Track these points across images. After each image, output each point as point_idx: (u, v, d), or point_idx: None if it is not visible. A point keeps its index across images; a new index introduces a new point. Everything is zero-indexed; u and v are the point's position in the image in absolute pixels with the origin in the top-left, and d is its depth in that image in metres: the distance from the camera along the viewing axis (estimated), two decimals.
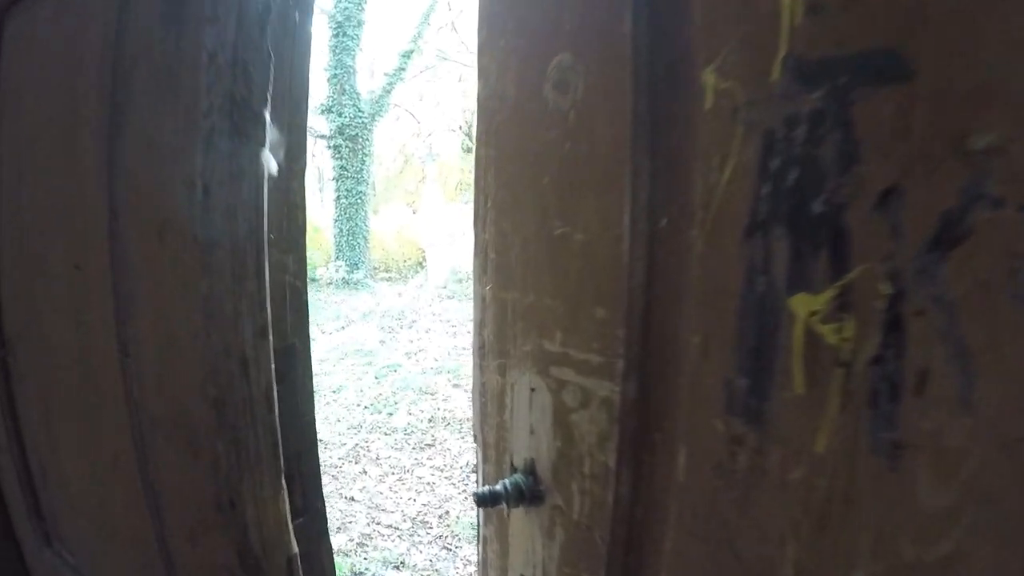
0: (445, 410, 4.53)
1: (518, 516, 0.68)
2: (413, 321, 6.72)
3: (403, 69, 9.69)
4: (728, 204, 0.49)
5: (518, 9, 0.60)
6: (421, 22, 9.95)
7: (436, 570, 2.87)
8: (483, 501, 0.65)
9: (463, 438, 4.14)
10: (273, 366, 0.47)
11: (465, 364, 5.32)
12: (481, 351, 0.66)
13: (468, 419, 4.34)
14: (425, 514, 3.32)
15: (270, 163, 0.45)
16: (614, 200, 0.52)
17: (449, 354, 5.69)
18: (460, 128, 13.77)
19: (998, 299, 0.39)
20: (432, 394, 4.80)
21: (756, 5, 0.46)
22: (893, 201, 0.42)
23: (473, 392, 0.70)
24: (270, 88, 0.46)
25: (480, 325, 0.65)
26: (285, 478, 0.56)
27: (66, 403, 0.74)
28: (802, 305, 0.47)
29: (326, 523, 0.74)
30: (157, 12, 0.49)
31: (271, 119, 0.45)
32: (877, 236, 0.43)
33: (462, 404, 4.57)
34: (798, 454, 0.47)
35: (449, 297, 7.68)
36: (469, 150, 14.30)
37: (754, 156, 0.47)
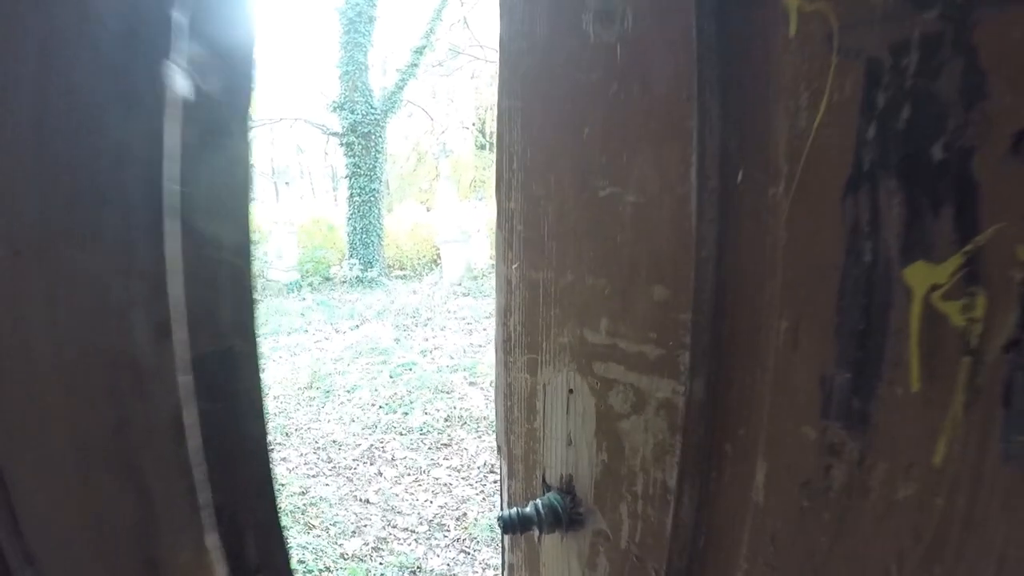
0: (461, 409, 4.44)
1: (552, 542, 0.57)
2: (428, 319, 6.62)
3: (416, 65, 9.60)
4: (822, 153, 0.39)
5: None
6: (433, 18, 9.86)
7: (454, 575, 2.78)
8: (510, 526, 0.54)
9: (480, 437, 4.05)
10: (178, 378, 0.34)
11: (482, 361, 5.22)
12: (506, 345, 0.56)
13: (485, 418, 4.25)
14: (442, 516, 3.23)
15: (177, 81, 0.33)
16: (676, 152, 0.41)
17: (465, 352, 5.60)
18: (473, 125, 13.64)
19: None
20: (448, 392, 4.71)
21: None
22: None
23: (496, 394, 0.60)
24: None
25: (505, 313, 0.55)
26: (232, 528, 0.42)
27: (17, 411, 0.64)
28: (921, 277, 0.38)
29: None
30: None
31: (194, 31, 0.33)
32: (1013, 188, 0.35)
33: (479, 402, 4.48)
34: (911, 467, 0.39)
35: (464, 294, 7.58)
36: (483, 147, 14.24)
37: (854, 92, 0.39)
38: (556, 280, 0.50)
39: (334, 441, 4.09)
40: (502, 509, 0.62)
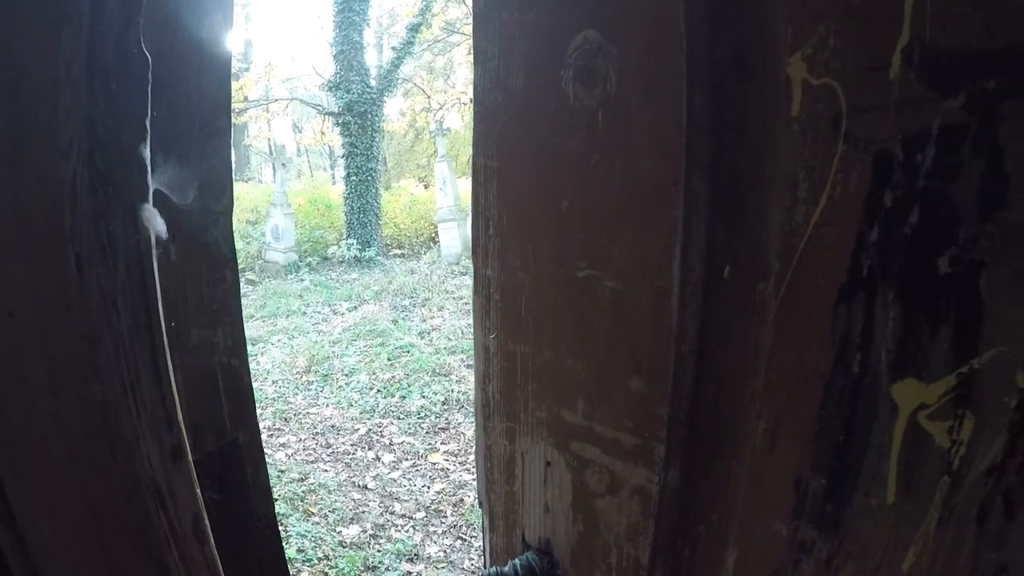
0: (459, 392, 4.44)
1: None
2: (426, 299, 6.59)
3: (411, 43, 9.40)
4: (818, 253, 0.36)
5: None
6: None
7: (451, 562, 2.81)
8: None
9: None
10: (196, 483, 0.34)
11: None
12: (485, 410, 0.53)
13: None
14: (439, 502, 3.26)
15: (155, 223, 0.31)
16: (660, 239, 0.38)
17: (463, 333, 5.58)
18: (471, 101, 13.38)
19: None
20: (446, 375, 4.71)
21: None
22: None
23: (476, 452, 0.58)
24: (148, 111, 0.31)
25: (484, 379, 0.52)
26: None
27: (26, 457, 0.62)
28: (909, 395, 0.36)
29: None
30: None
31: (168, 152, 0.31)
32: (1022, 311, 0.32)
33: None
34: (878, 571, 0.39)
35: (462, 273, 7.53)
36: None
37: (859, 187, 0.35)
38: (534, 355, 0.47)
39: (332, 426, 4.10)
40: (485, 566, 0.61)
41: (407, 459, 3.73)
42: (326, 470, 3.58)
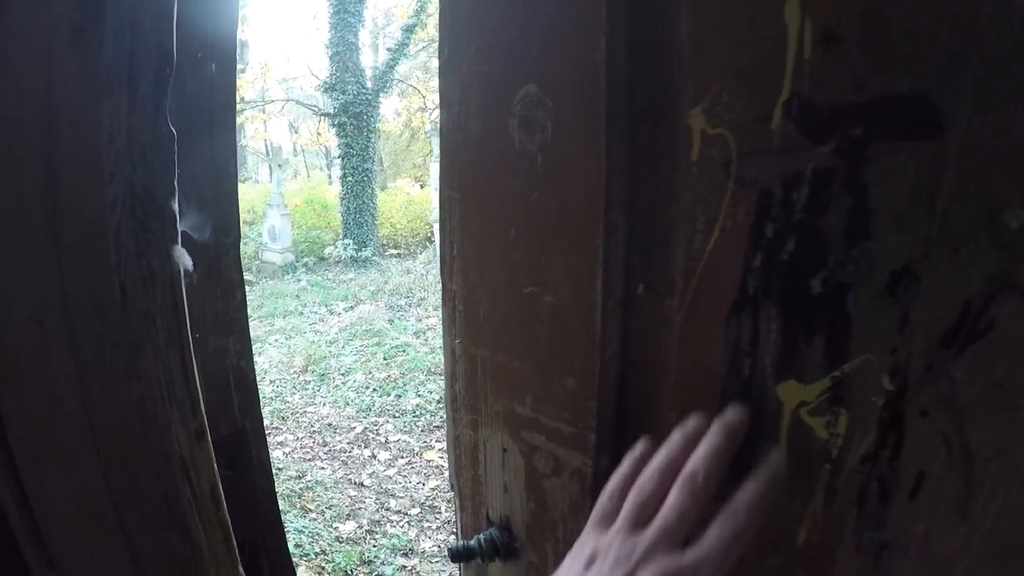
0: None
1: (495, 567, 0.65)
2: (422, 299, 6.67)
3: (406, 44, 9.47)
4: (713, 275, 0.43)
5: (481, 28, 0.53)
6: None
7: (444, 557, 2.89)
8: (457, 556, 0.62)
9: None
10: (214, 460, 0.43)
11: None
12: (453, 404, 0.61)
13: None
14: (434, 499, 3.34)
15: (185, 261, 0.40)
16: (586, 262, 0.46)
17: None
18: None
19: (1016, 405, 0.34)
20: (441, 374, 4.79)
21: (754, 31, 0.39)
22: (906, 285, 0.36)
23: (448, 440, 0.66)
24: (175, 175, 0.40)
25: (452, 377, 0.60)
26: (251, 553, 0.52)
27: (47, 452, 0.71)
28: (791, 394, 0.42)
29: None
30: (71, 65, 0.43)
31: (189, 200, 0.40)
32: (883, 324, 0.38)
33: None
34: (776, 543, 0.45)
35: None
36: None
37: (746, 220, 0.41)
38: (491, 358, 0.55)
39: (329, 425, 4.18)
40: (456, 539, 0.69)
41: (402, 457, 3.81)
42: (323, 468, 3.66)
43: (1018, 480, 0.35)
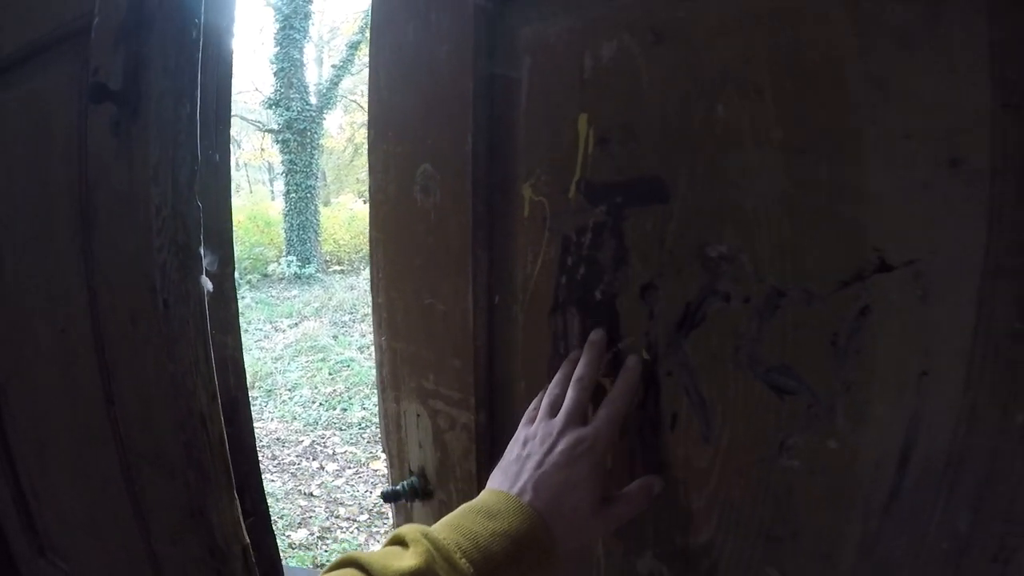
0: None
1: (418, 508, 0.88)
2: (365, 315, 6.82)
3: (351, 60, 9.63)
4: (539, 289, 0.67)
5: (395, 121, 0.78)
6: (369, 11, 9.84)
7: None
8: (388, 498, 0.85)
9: None
10: (222, 417, 0.67)
11: None
12: (382, 386, 0.85)
13: None
14: (381, 505, 3.50)
15: (207, 284, 0.64)
16: (463, 282, 0.71)
17: None
18: None
19: (725, 366, 0.54)
20: None
21: (561, 136, 0.63)
22: (650, 293, 0.57)
23: (380, 416, 0.89)
24: (201, 232, 0.64)
25: (380, 366, 0.85)
26: (237, 491, 0.75)
27: (57, 437, 0.92)
28: None
29: (270, 521, 0.95)
30: (110, 146, 0.66)
31: (205, 247, 0.64)
32: (639, 318, 0.58)
33: None
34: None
35: None
36: None
37: (556, 255, 0.63)
38: (406, 349, 0.80)
39: (278, 439, 4.29)
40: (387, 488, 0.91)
41: (350, 467, 3.96)
42: (273, 480, 3.77)
43: (737, 415, 0.54)
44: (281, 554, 2.91)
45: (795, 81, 0.50)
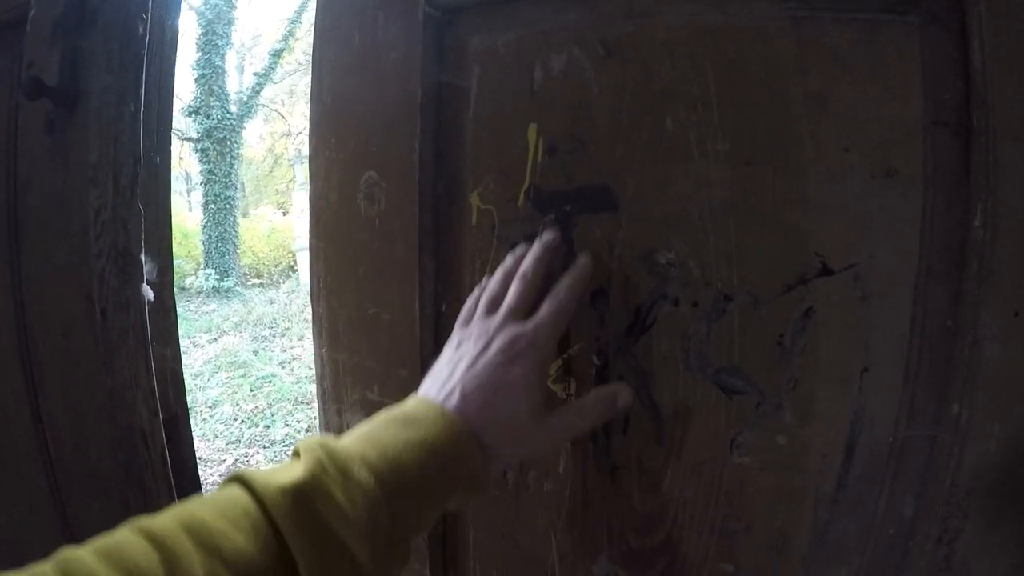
0: None
1: None
2: (286, 329, 6.51)
3: (273, 68, 9.25)
4: None
5: (338, 128, 0.73)
6: (293, 19, 9.53)
7: None
8: None
9: None
10: (164, 433, 0.61)
11: None
12: (323, 398, 0.79)
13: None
14: None
15: (148, 293, 0.57)
16: (408, 290, 0.67)
17: None
18: None
19: (675, 368, 0.54)
20: (308, 403, 4.74)
21: (510, 145, 0.61)
22: (601, 299, 0.56)
23: (320, 429, 0.83)
24: (143, 237, 0.58)
25: (321, 378, 0.79)
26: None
27: None
28: None
29: None
30: (44, 145, 0.58)
31: (144, 254, 0.57)
32: (589, 324, 0.57)
33: None
34: (547, 473, 0.62)
35: None
36: None
37: (493, 263, 0.61)
38: (348, 360, 0.74)
39: (200, 458, 3.97)
40: None
41: None
42: None
43: (690, 417, 0.54)
44: None
45: (740, 96, 0.51)
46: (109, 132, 0.58)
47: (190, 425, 0.74)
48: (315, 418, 4.64)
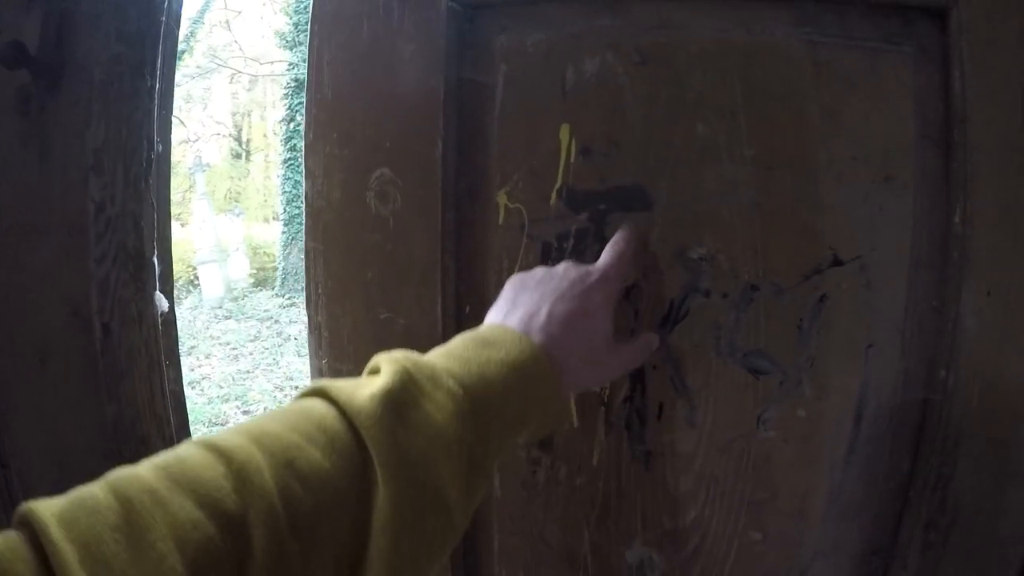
0: None
1: None
2: (192, 347, 5.81)
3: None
4: None
5: (342, 122, 0.67)
6: (195, 19, 8.60)
7: None
8: None
9: None
10: None
11: (252, 388, 4.87)
12: None
13: None
14: None
15: (162, 303, 0.48)
16: (428, 292, 0.64)
17: (234, 379, 5.08)
18: (230, 134, 12.22)
19: (707, 356, 0.57)
20: (222, 424, 4.28)
21: (540, 145, 0.61)
22: (636, 293, 0.58)
23: None
24: (155, 235, 0.49)
25: None
26: None
27: None
28: None
29: None
30: (13, 127, 0.46)
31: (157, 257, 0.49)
32: (624, 317, 0.58)
33: None
34: (580, 467, 0.61)
35: (226, 317, 6.78)
36: (239, 156, 12.80)
37: (535, 261, 0.61)
38: (354, 371, 0.69)
39: None
40: None
41: None
42: None
43: (720, 399, 0.57)
44: None
45: (764, 107, 0.56)
46: (119, 111, 0.48)
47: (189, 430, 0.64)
48: None
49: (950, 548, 0.54)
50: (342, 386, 0.36)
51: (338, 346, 0.70)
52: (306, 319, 0.64)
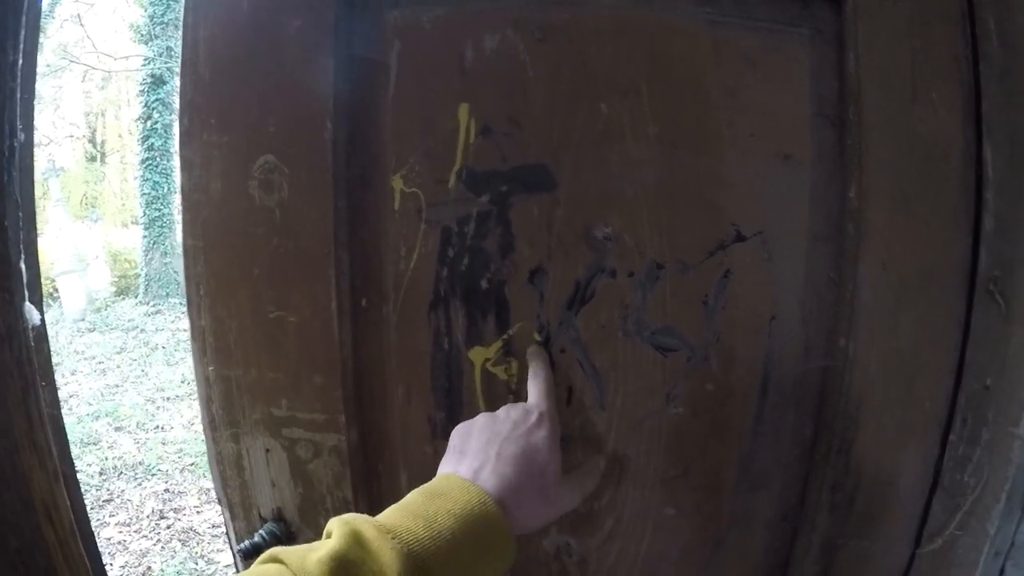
0: (114, 458, 3.72)
1: None
2: (56, 363, 5.22)
3: None
4: (415, 285, 0.58)
5: (222, 106, 0.58)
6: (46, 14, 7.59)
7: None
8: (248, 555, 0.63)
9: (140, 485, 3.48)
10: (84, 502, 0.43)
11: (123, 403, 4.47)
12: (212, 424, 0.64)
13: (141, 463, 3.67)
14: None
15: (33, 315, 0.39)
16: (321, 287, 0.57)
17: (103, 395, 4.65)
18: (84, 135, 11.05)
19: (614, 336, 0.56)
20: (95, 443, 3.88)
21: (438, 125, 0.56)
22: (539, 277, 0.56)
23: (210, 460, 0.67)
24: (20, 237, 0.38)
25: (208, 402, 0.63)
26: None
27: None
28: (478, 356, 0.59)
29: None
30: None
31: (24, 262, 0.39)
32: (529, 302, 0.56)
33: (130, 448, 3.83)
34: None
35: (90, 330, 6.16)
36: (94, 159, 11.67)
37: (434, 247, 0.57)
38: (244, 376, 0.61)
39: None
40: (235, 544, 0.68)
41: None
42: None
43: (627, 379, 0.56)
44: None
45: (666, 85, 0.54)
46: None
47: (79, 487, 0.52)
48: (106, 459, 3.81)
49: (856, 507, 0.55)
50: (294, 551, 0.37)
51: (225, 351, 0.61)
52: (173, 326, 0.55)
